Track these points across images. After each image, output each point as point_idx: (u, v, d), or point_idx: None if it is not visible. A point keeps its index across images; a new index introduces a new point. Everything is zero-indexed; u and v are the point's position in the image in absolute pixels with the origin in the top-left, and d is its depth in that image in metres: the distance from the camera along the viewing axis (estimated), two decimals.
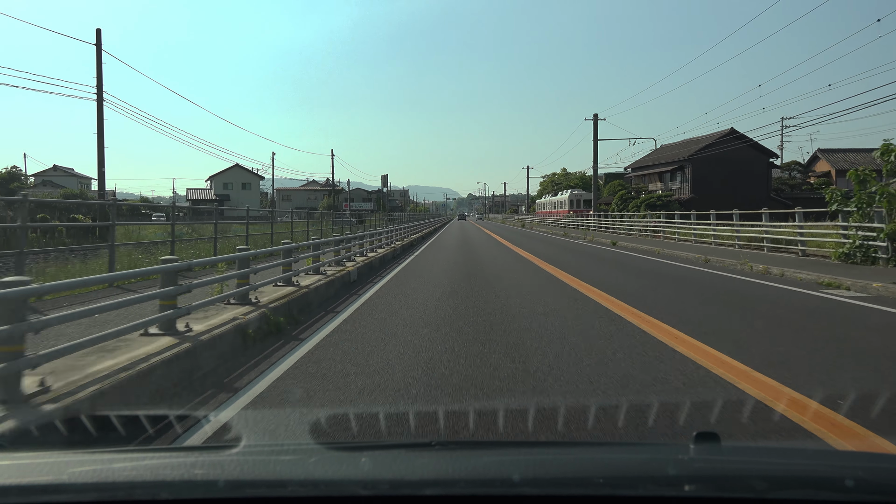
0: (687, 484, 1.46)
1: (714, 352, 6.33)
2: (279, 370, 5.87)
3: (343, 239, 16.17)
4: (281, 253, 10.96)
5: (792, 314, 9.04)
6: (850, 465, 1.76)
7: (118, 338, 5.36)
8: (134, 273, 6.90)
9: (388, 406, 4.70)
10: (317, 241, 13.19)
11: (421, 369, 5.76)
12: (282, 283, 10.13)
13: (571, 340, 7.05)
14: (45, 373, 4.32)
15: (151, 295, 6.15)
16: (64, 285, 5.55)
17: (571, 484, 1.49)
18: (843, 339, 7.26)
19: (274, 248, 13.91)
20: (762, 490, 1.43)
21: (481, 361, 6.04)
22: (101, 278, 6.81)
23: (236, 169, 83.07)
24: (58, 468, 1.65)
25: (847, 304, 10.02)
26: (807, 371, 5.69)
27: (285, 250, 10.91)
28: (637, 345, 6.79)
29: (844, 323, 8.43)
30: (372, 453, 1.80)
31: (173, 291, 6.17)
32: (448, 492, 1.45)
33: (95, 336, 4.98)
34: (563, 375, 5.55)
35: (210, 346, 6.03)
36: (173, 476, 1.52)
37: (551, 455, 1.90)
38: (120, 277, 7.91)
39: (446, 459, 1.72)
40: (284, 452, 1.98)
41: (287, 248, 11.07)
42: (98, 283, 7.64)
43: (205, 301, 7.27)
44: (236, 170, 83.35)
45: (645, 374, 5.55)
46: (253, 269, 8.75)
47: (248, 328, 7.04)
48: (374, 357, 6.32)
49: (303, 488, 1.46)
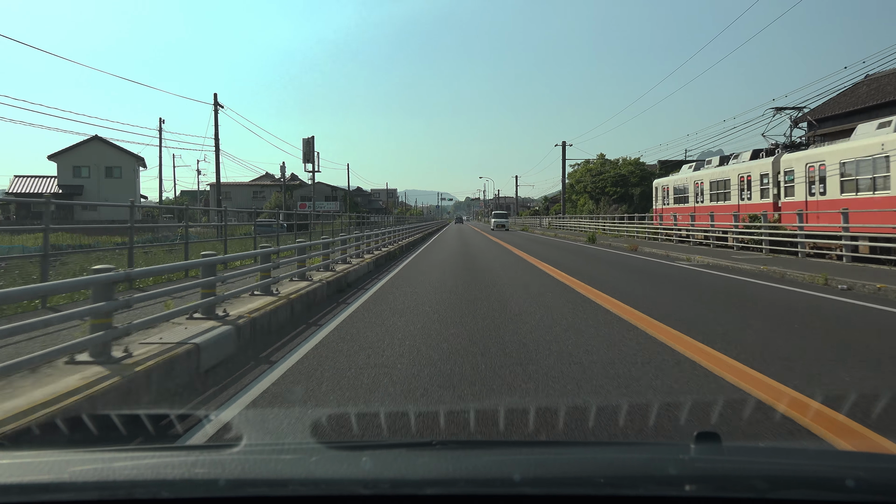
0: (688, 484, 1.45)
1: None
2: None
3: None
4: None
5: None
6: (851, 465, 1.76)
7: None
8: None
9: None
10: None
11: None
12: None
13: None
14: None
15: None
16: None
17: (572, 483, 1.49)
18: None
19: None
20: (763, 490, 1.43)
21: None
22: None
23: (95, 144, 50.08)
24: (59, 467, 1.65)
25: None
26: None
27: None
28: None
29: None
30: (373, 452, 1.79)
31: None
32: (449, 491, 1.45)
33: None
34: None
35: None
36: (174, 475, 1.52)
37: (552, 454, 1.90)
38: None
39: (447, 459, 1.72)
40: (285, 451, 1.98)
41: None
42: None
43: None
44: (95, 146, 50.36)
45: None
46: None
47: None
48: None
49: (304, 487, 1.46)
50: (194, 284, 7.58)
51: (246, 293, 9.06)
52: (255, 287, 9.30)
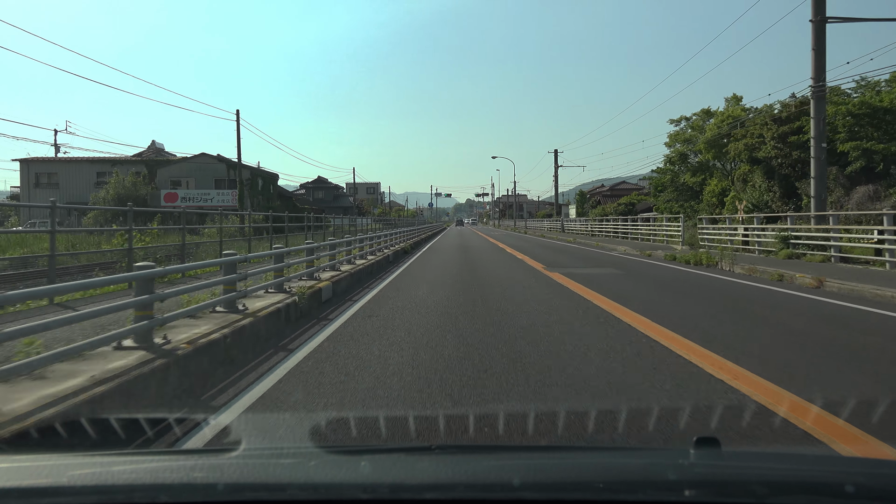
0: (687, 489, 1.45)
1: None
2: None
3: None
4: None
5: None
6: (851, 471, 1.76)
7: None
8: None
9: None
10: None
11: None
12: None
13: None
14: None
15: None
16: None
17: (571, 488, 1.49)
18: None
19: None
20: (762, 495, 1.43)
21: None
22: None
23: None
24: (57, 471, 1.65)
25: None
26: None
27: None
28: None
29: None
30: (372, 457, 1.79)
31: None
32: (448, 496, 1.44)
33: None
34: None
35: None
36: (172, 479, 1.52)
37: (551, 459, 1.90)
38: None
39: (446, 463, 1.72)
40: (284, 456, 1.97)
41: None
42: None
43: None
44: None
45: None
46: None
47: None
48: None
49: (302, 492, 1.46)
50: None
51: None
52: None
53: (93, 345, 5.11)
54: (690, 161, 38.78)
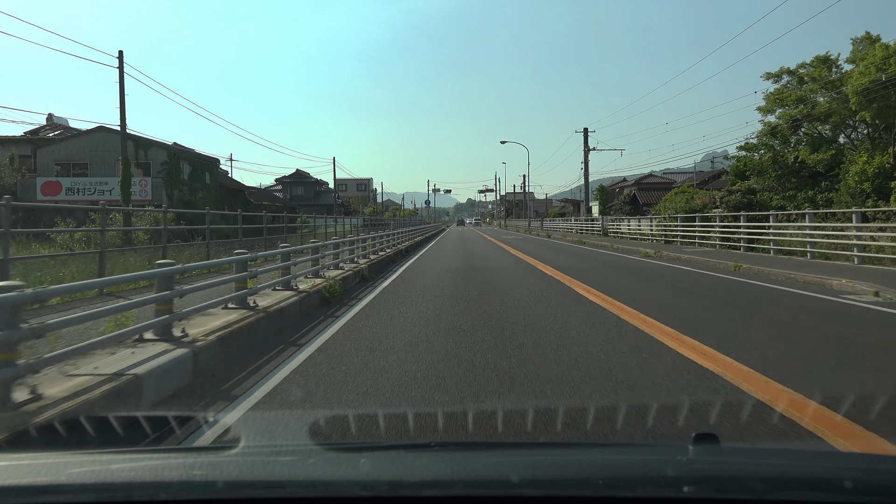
0: (686, 485, 1.46)
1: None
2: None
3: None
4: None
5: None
6: (849, 467, 1.76)
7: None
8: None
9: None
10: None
11: None
12: None
13: None
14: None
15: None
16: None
17: (570, 485, 1.49)
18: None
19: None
20: (761, 491, 1.43)
21: None
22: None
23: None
24: (56, 469, 1.65)
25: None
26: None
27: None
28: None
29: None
30: (371, 454, 1.79)
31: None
32: (447, 493, 1.45)
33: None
34: None
35: None
36: (172, 477, 1.52)
37: (550, 456, 1.90)
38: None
39: (445, 460, 1.72)
40: (283, 453, 1.97)
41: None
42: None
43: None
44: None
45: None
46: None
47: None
48: None
49: (301, 489, 1.46)
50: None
51: None
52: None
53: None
54: (805, 131, 27.01)
